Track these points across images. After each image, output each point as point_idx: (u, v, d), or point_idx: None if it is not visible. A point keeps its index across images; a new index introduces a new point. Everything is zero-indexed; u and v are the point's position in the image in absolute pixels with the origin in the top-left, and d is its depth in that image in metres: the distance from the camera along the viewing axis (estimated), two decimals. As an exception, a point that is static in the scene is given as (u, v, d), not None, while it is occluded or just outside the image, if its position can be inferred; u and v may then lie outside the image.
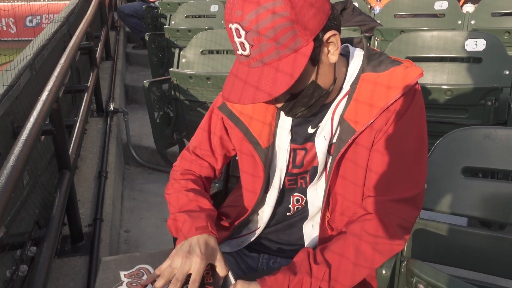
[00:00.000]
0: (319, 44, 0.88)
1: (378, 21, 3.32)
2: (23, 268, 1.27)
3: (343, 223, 1.05)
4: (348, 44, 1.07)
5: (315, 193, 1.07)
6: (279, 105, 0.96)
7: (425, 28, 2.90)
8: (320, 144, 1.02)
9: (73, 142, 2.06)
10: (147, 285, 0.93)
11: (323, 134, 1.02)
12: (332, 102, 1.02)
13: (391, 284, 1.29)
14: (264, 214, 1.14)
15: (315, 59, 0.90)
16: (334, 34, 0.90)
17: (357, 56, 1.03)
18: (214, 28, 3.44)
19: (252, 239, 1.17)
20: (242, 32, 0.84)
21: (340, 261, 0.96)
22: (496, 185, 1.26)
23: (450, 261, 1.31)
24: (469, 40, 2.13)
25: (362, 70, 0.99)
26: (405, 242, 1.02)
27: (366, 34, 3.15)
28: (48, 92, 1.59)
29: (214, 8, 4.18)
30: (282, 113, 1.06)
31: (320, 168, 1.04)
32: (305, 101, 0.95)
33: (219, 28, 3.76)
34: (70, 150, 1.95)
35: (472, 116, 1.98)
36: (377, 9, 3.49)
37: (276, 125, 1.07)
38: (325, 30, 0.88)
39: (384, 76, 0.96)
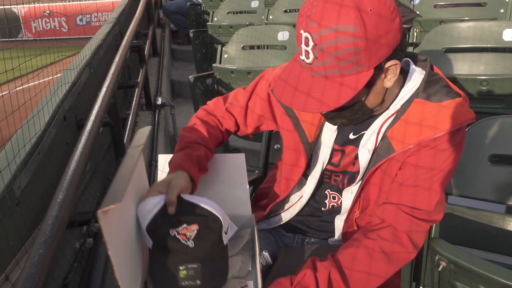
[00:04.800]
0: (378, 72, 0.93)
1: (418, 12, 3.32)
2: (89, 241, 1.46)
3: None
4: (410, 61, 1.08)
5: (350, 194, 1.16)
6: (323, 111, 1.02)
7: (466, 18, 2.88)
8: (364, 156, 1.09)
9: (127, 133, 2.25)
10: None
11: (367, 147, 1.08)
12: (378, 116, 1.07)
13: (419, 265, 1.38)
14: (302, 199, 1.25)
15: (370, 83, 0.94)
16: (396, 64, 0.93)
17: (416, 78, 1.04)
18: (254, 24, 3.56)
19: (288, 218, 1.29)
20: (311, 43, 0.88)
21: (351, 262, 1.01)
22: (522, 171, 1.31)
23: (478, 244, 1.36)
24: (506, 30, 2.12)
25: (416, 94, 1.01)
26: (414, 253, 1.04)
27: (405, 26, 3.16)
28: (106, 88, 1.78)
29: (254, 4, 4.30)
30: None
31: (359, 176, 1.12)
32: (348, 115, 1.01)
33: (259, 23, 3.88)
34: (125, 141, 2.15)
35: (508, 106, 1.98)
36: (417, 0, 3.48)
37: (323, 123, 1.15)
38: (388, 59, 0.92)
39: (435, 108, 0.98)
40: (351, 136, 1.13)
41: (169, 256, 0.96)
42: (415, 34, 3.03)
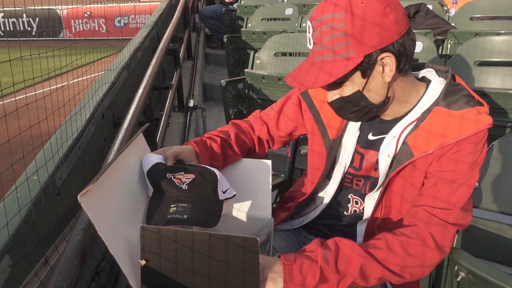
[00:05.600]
0: (369, 60, 0.99)
1: (453, 24, 3.29)
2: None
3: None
4: (434, 71, 1.14)
5: (372, 201, 1.19)
6: (329, 101, 1.10)
7: (502, 31, 2.84)
8: (383, 160, 1.13)
9: (159, 133, 2.35)
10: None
11: (387, 152, 1.12)
12: (398, 122, 1.11)
13: (439, 275, 1.39)
14: (324, 200, 1.29)
15: (365, 73, 1.01)
16: (389, 56, 0.99)
17: (437, 87, 1.09)
18: (288, 31, 3.61)
19: (310, 219, 1.33)
20: (311, 30, 1.01)
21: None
22: (549, 187, 1.30)
23: (500, 258, 1.36)
24: (541, 45, 2.09)
25: (436, 102, 1.05)
26: (437, 252, 1.04)
27: (439, 37, 3.15)
28: (143, 90, 1.87)
29: (289, 11, 4.35)
30: None
31: (380, 181, 1.16)
32: (349, 106, 1.07)
33: (292, 30, 3.93)
34: (157, 140, 2.23)
35: (541, 121, 1.96)
36: (452, 11, 3.45)
37: (345, 127, 1.21)
38: (383, 51, 0.98)
39: (454, 116, 1.02)
40: (370, 137, 1.17)
41: (163, 197, 1.01)
42: (449, 46, 3.01)
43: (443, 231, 1.04)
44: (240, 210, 1.21)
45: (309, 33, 1.02)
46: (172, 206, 0.99)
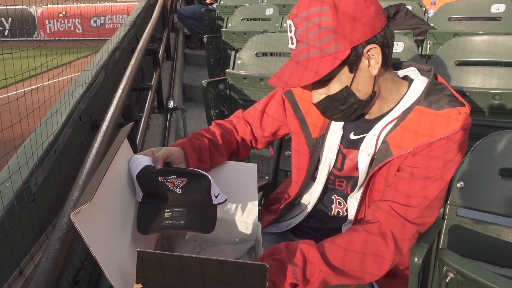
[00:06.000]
0: (356, 53, 0.98)
1: (432, 24, 3.33)
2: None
3: None
4: (416, 70, 1.14)
5: (355, 201, 1.18)
6: (315, 101, 1.07)
7: (480, 32, 2.88)
8: (363, 159, 1.12)
9: (139, 135, 2.29)
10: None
11: (367, 150, 1.11)
12: (379, 120, 1.10)
13: (426, 275, 1.38)
14: (310, 202, 1.27)
15: (352, 67, 0.99)
16: (375, 48, 0.98)
17: (419, 86, 1.08)
18: (268, 31, 3.59)
19: (297, 223, 1.31)
20: (293, 28, 0.98)
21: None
22: (533, 186, 1.31)
23: (486, 257, 1.36)
24: (520, 45, 2.12)
25: (417, 101, 1.05)
26: (393, 253, 1.02)
27: (419, 37, 3.18)
28: (122, 91, 1.82)
29: (269, 11, 4.34)
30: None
31: (360, 181, 1.14)
32: (337, 105, 1.04)
33: (273, 30, 3.91)
34: (137, 142, 2.18)
35: (520, 120, 1.98)
36: (431, 12, 3.49)
37: (329, 126, 1.19)
38: (368, 43, 0.98)
39: (434, 115, 1.01)
40: (352, 137, 1.15)
41: (156, 203, 0.96)
42: (429, 46, 3.04)
43: (402, 229, 1.03)
44: (227, 215, 1.18)
45: (290, 32, 0.99)
46: (166, 211, 0.94)
